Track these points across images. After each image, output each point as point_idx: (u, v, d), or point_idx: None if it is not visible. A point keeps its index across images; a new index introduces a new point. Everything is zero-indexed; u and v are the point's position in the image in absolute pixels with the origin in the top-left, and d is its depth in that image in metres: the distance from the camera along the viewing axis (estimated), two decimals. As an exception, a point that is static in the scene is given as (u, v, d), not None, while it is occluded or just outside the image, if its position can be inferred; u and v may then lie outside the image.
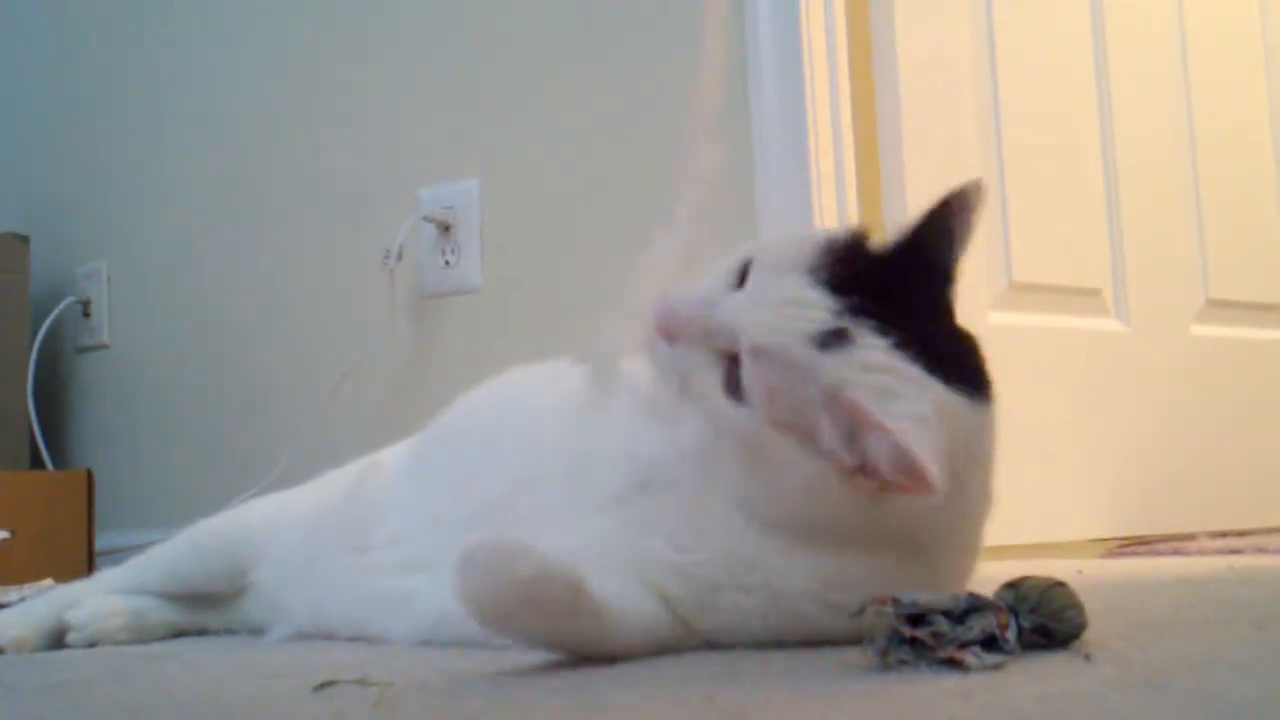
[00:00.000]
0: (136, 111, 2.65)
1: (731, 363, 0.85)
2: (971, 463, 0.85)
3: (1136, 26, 2.37)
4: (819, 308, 0.83)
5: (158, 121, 2.62)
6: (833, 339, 0.82)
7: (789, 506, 0.85)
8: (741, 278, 0.88)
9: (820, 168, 1.87)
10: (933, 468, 0.77)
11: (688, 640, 0.91)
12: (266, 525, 1.37)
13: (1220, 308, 2.42)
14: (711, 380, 0.85)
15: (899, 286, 0.86)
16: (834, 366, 0.81)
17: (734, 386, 0.84)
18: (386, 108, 2.31)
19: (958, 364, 0.86)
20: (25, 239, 2.56)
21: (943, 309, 0.90)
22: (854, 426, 0.80)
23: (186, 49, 2.58)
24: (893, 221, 1.95)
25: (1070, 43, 2.29)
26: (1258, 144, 2.57)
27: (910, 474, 0.78)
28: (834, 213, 1.88)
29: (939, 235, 0.89)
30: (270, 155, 2.45)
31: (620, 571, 0.91)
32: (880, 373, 0.81)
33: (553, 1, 2.13)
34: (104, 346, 2.65)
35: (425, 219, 2.20)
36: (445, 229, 2.19)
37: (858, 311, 0.83)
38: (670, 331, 0.87)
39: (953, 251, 0.89)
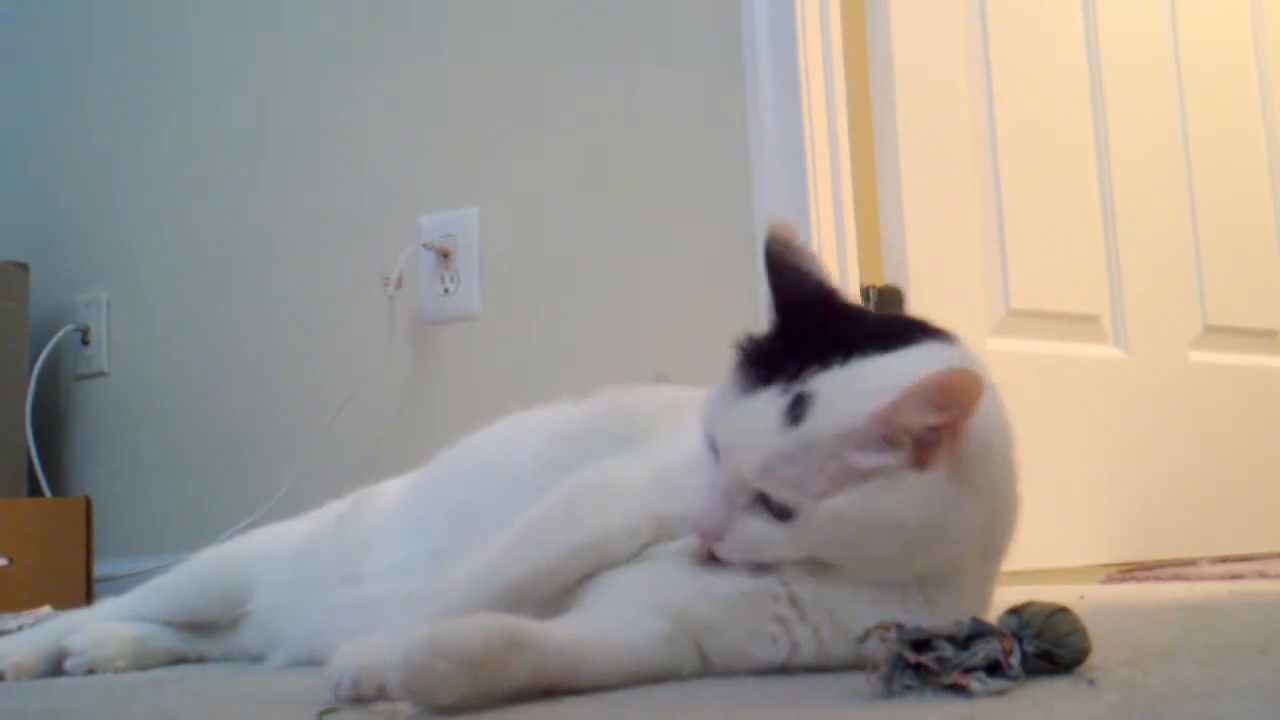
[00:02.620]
0: (136, 140, 2.66)
1: (764, 500, 0.86)
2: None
3: (1132, 54, 2.38)
4: (767, 397, 0.85)
5: (157, 149, 2.62)
6: (797, 408, 0.84)
7: (905, 543, 0.85)
8: (715, 446, 0.90)
9: (819, 199, 1.88)
10: (953, 365, 0.82)
11: (691, 665, 0.91)
12: (263, 554, 1.37)
13: (1218, 334, 2.43)
14: (765, 528, 0.86)
15: (807, 329, 0.89)
16: (817, 421, 0.83)
17: (780, 512, 0.85)
18: (387, 136, 2.31)
19: (898, 330, 0.90)
20: (25, 266, 2.57)
21: (856, 312, 0.96)
22: (881, 432, 0.82)
23: (186, 77, 2.59)
24: (890, 251, 1.97)
25: (1066, 71, 2.30)
26: (1255, 171, 2.58)
27: (951, 391, 0.81)
28: (833, 249, 1.89)
29: (792, 272, 0.92)
30: (270, 183, 2.45)
31: (622, 597, 0.91)
32: (849, 384, 0.84)
33: (552, 31, 2.15)
34: (103, 374, 2.65)
35: (425, 246, 2.20)
36: (445, 256, 2.19)
37: (794, 371, 0.86)
38: (712, 534, 0.88)
39: (811, 276, 0.93)
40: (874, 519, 0.83)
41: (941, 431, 0.83)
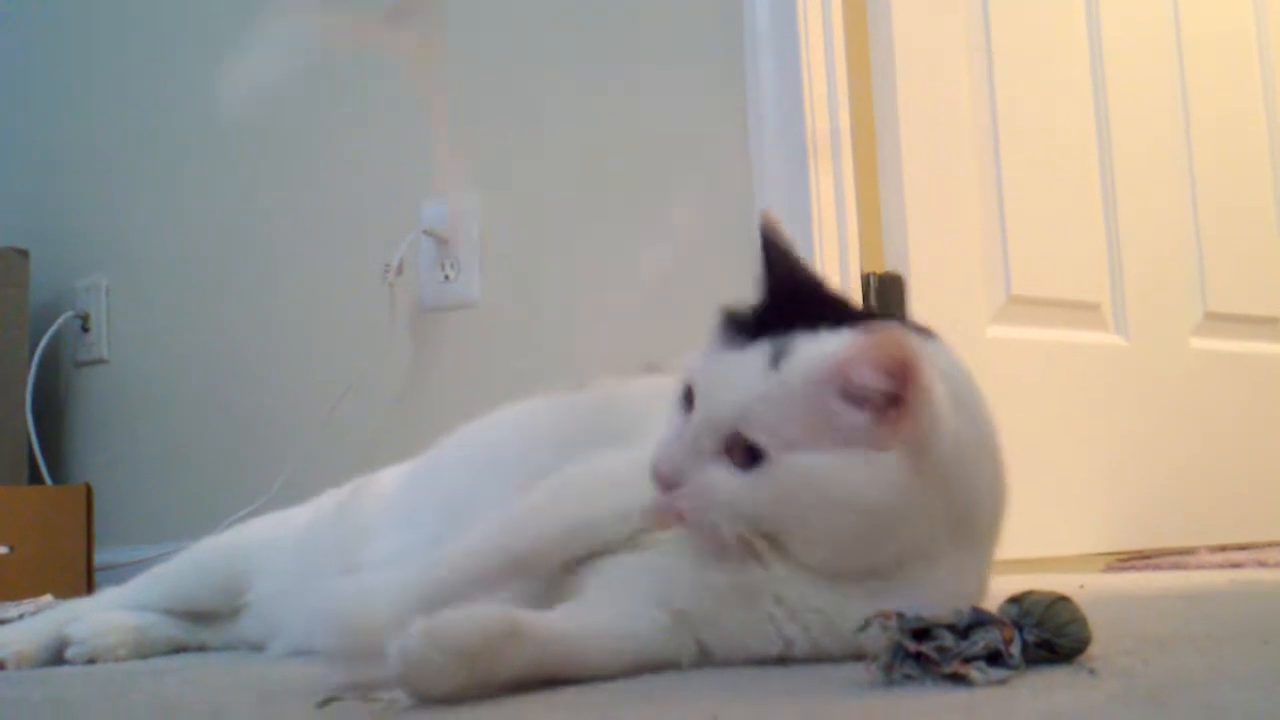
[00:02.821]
0: (136, 126, 2.65)
1: (732, 447, 0.87)
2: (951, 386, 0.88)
3: (1134, 42, 2.38)
4: (754, 350, 0.87)
5: (157, 136, 2.62)
6: (778, 356, 0.86)
7: (856, 526, 0.85)
8: (689, 399, 0.90)
9: (820, 185, 1.88)
10: (892, 336, 0.82)
11: (690, 655, 0.91)
12: (263, 543, 1.38)
13: (1219, 321, 2.42)
14: (727, 476, 0.86)
15: (797, 305, 0.91)
16: (791, 365, 0.85)
17: (746, 457, 0.86)
18: (387, 122, 2.31)
19: (882, 316, 0.95)
20: (25, 253, 2.56)
21: (844, 299, 0.97)
22: (842, 384, 0.84)
23: (186, 63, 2.59)
24: (891, 238, 1.97)
25: (1068, 60, 2.29)
26: (1255, 157, 2.57)
27: (895, 359, 0.82)
28: (834, 235, 1.89)
29: (784, 256, 0.94)
30: (270, 169, 2.45)
31: (620, 587, 0.92)
32: (825, 340, 0.86)
33: (552, 18, 2.14)
34: (103, 361, 2.65)
35: (425, 233, 2.20)
36: (445, 243, 2.19)
37: (781, 332, 0.88)
38: (670, 479, 0.88)
39: (801, 262, 0.95)
40: (833, 488, 0.84)
41: (896, 400, 0.83)
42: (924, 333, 0.93)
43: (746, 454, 0.86)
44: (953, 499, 0.88)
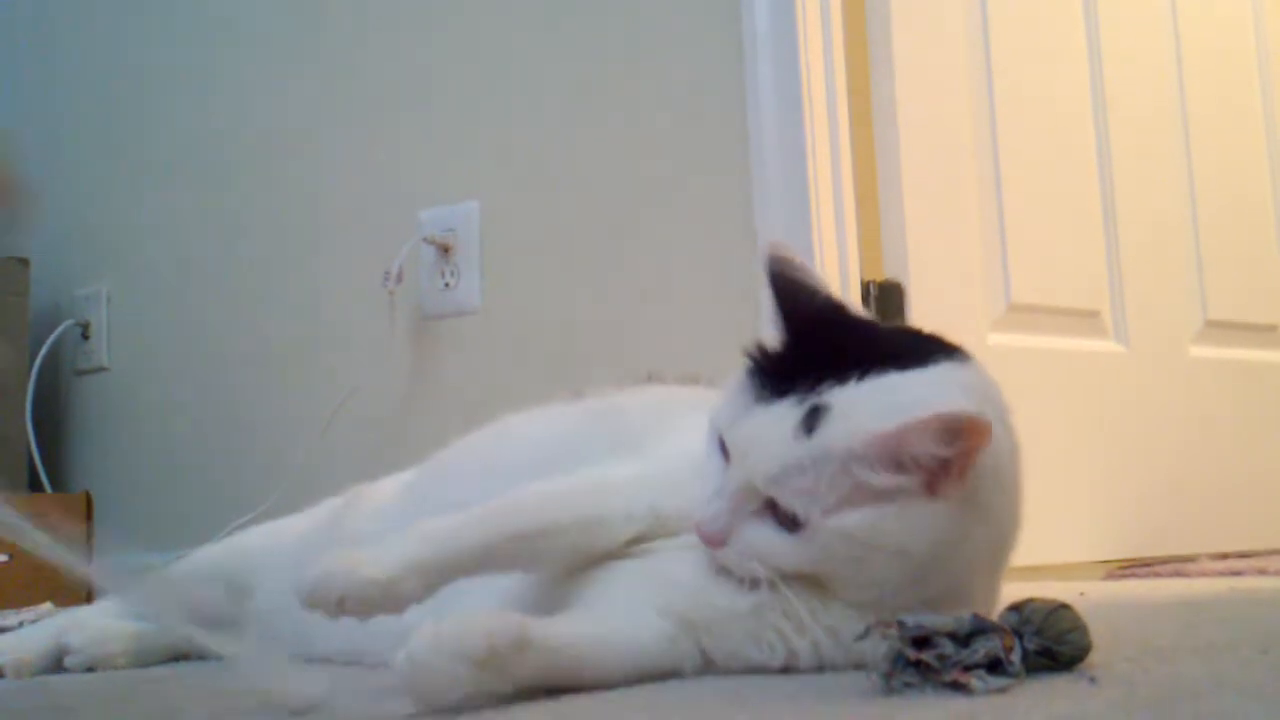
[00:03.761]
0: (136, 134, 2.65)
1: (773, 506, 0.86)
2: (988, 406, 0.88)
3: (1133, 48, 2.38)
4: (784, 407, 0.86)
5: (157, 144, 2.62)
6: (811, 419, 0.84)
7: (904, 571, 0.85)
8: (723, 448, 0.90)
9: (819, 193, 1.88)
10: (961, 405, 0.81)
11: (693, 663, 0.91)
12: (261, 552, 1.38)
13: (1219, 329, 2.42)
14: (770, 536, 0.86)
15: (821, 343, 0.89)
16: (829, 434, 0.84)
17: (788, 518, 0.85)
18: (387, 129, 2.31)
19: (915, 347, 0.90)
20: (25, 261, 2.56)
21: (870, 326, 0.95)
22: (888, 455, 0.82)
23: (186, 71, 2.59)
24: (891, 246, 1.97)
25: (1067, 66, 2.29)
26: (1254, 165, 2.57)
27: (958, 430, 0.81)
28: (834, 243, 1.88)
29: (799, 288, 0.92)
30: (271, 177, 2.45)
31: (625, 594, 0.92)
32: (864, 401, 0.84)
33: (553, 24, 2.14)
34: (103, 369, 2.65)
35: (425, 241, 2.20)
36: (445, 251, 2.19)
37: (811, 383, 0.86)
38: (715, 538, 0.89)
39: (818, 291, 0.93)
40: (881, 541, 0.84)
41: (951, 462, 0.82)
42: (950, 350, 0.92)
43: (787, 515, 0.85)
44: (993, 527, 0.88)
